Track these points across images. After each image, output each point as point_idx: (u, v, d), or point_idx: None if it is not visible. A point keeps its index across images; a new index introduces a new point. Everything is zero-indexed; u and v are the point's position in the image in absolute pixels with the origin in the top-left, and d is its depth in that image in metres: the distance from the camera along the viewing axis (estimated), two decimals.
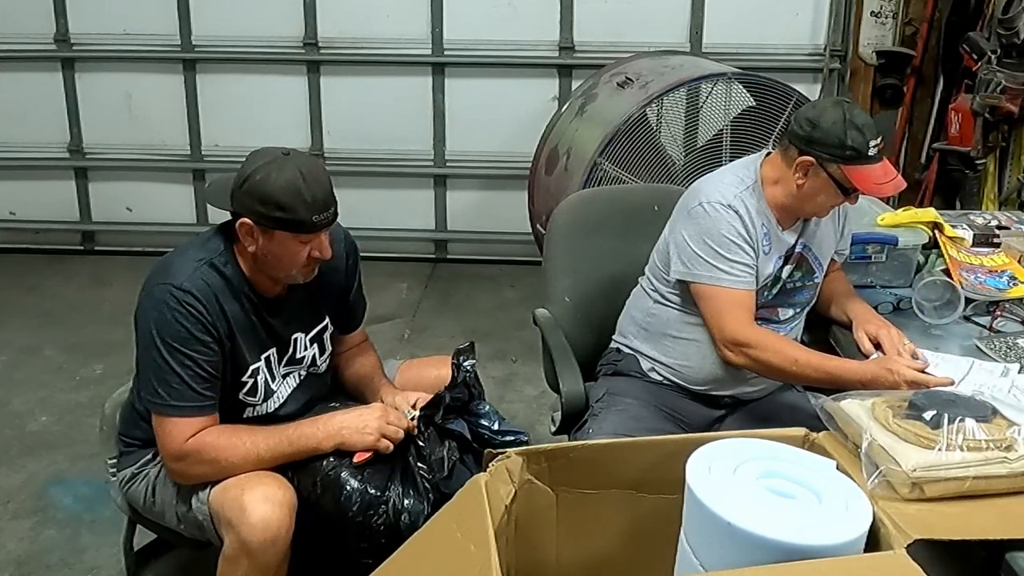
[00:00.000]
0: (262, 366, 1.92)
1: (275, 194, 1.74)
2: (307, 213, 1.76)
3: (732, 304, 2.00)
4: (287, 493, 1.78)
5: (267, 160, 1.77)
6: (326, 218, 1.80)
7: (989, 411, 1.44)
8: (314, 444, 1.84)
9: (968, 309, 2.19)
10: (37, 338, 3.85)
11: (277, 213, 1.75)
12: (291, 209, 1.75)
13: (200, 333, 1.78)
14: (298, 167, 1.76)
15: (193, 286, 1.78)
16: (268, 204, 1.75)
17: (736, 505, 1.22)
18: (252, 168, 1.78)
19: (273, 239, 1.79)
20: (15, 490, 2.84)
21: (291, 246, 1.80)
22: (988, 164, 3.93)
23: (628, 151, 3.34)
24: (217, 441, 1.80)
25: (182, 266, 1.82)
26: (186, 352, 1.78)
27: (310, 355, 2.01)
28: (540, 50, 4.45)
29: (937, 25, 4.29)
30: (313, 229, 1.79)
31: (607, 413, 2.08)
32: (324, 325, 2.03)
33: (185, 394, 1.78)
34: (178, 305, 1.77)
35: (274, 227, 1.78)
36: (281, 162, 1.77)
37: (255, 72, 4.59)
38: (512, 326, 3.86)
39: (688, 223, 2.04)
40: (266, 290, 1.90)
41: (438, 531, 1.36)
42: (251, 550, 1.73)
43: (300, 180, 1.75)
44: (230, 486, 1.79)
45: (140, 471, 1.97)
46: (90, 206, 4.82)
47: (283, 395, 1.98)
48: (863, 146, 1.92)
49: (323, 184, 1.80)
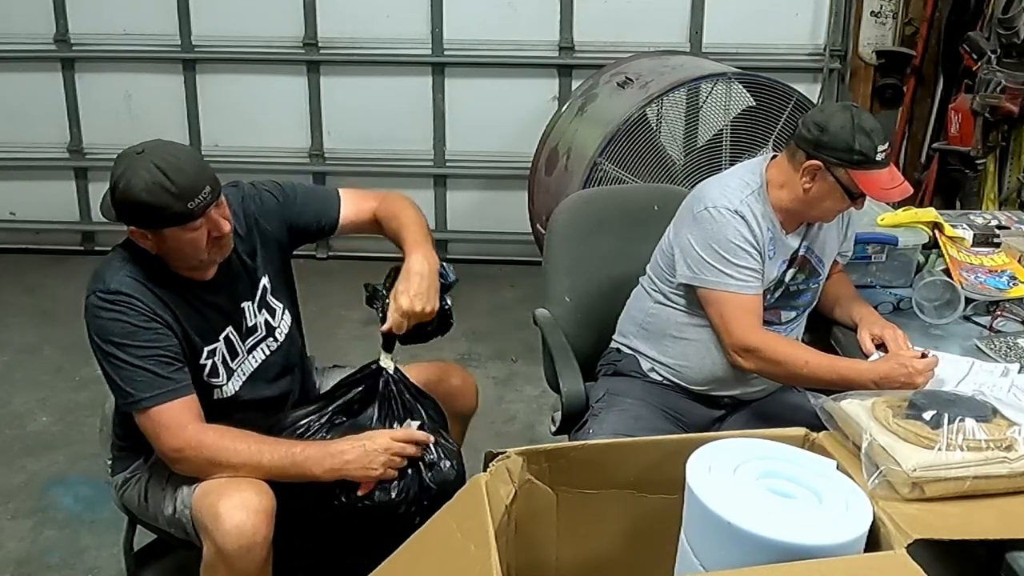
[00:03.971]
0: (220, 346, 1.89)
1: (140, 198, 1.68)
2: (180, 204, 1.69)
3: (739, 309, 2.00)
4: (264, 499, 1.74)
5: (124, 165, 1.71)
6: (203, 200, 1.71)
7: (989, 411, 1.44)
8: (315, 474, 1.79)
9: (968, 309, 2.19)
10: (37, 338, 3.85)
11: (150, 214, 1.70)
12: (161, 207, 1.68)
13: (143, 323, 1.76)
14: (153, 163, 1.68)
15: (121, 284, 1.77)
16: (138, 209, 1.70)
17: (736, 505, 1.22)
18: (114, 179, 1.72)
19: (165, 237, 1.74)
20: (15, 490, 2.85)
21: (184, 236, 1.74)
22: (988, 164, 3.93)
23: (628, 151, 3.34)
24: (219, 440, 1.79)
25: (107, 272, 1.80)
26: (137, 344, 1.75)
27: (262, 321, 1.97)
28: (540, 50, 4.45)
29: (937, 25, 4.29)
30: (194, 216, 1.71)
31: (607, 413, 2.08)
32: (264, 286, 1.98)
33: (154, 382, 1.75)
34: (111, 305, 1.76)
35: (158, 227, 1.72)
36: (136, 163, 1.69)
37: (255, 72, 4.59)
38: (512, 326, 3.86)
39: (694, 228, 2.04)
40: (198, 276, 1.86)
41: (438, 531, 1.36)
42: (227, 557, 1.70)
43: (159, 175, 1.67)
44: (209, 491, 1.76)
45: (133, 475, 1.97)
46: (90, 206, 4.81)
47: (247, 370, 1.94)
48: (871, 151, 1.91)
49: (186, 170, 1.70)
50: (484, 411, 2.74)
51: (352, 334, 3.89)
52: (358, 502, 1.83)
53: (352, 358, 2.20)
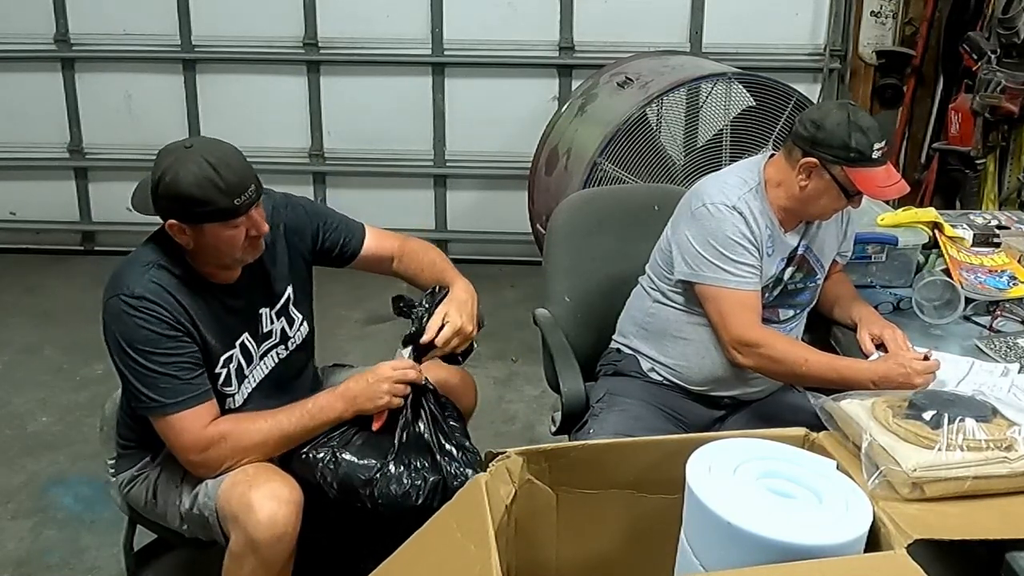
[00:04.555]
0: (236, 353, 1.90)
1: (188, 191, 1.70)
2: (226, 200, 1.72)
3: (738, 305, 2.00)
4: (294, 491, 1.78)
5: (172, 159, 1.73)
6: (248, 198, 1.75)
7: (989, 411, 1.44)
8: (335, 415, 1.86)
9: (968, 309, 2.19)
10: (37, 338, 3.85)
11: (197, 209, 1.72)
12: (208, 201, 1.71)
13: (167, 331, 1.77)
14: (203, 157, 1.71)
15: (145, 290, 1.77)
16: (185, 202, 1.72)
17: (736, 505, 1.22)
18: (160, 170, 1.73)
19: (204, 232, 1.76)
20: (15, 490, 2.85)
21: (224, 233, 1.76)
22: (988, 164, 3.93)
23: (628, 151, 3.34)
24: (237, 426, 1.81)
25: (130, 274, 1.80)
26: (160, 351, 1.76)
27: (278, 328, 1.99)
28: (540, 50, 4.45)
29: (937, 25, 4.29)
30: (238, 213, 1.75)
31: (607, 413, 2.08)
32: (287, 296, 2.00)
33: (179, 388, 1.77)
34: (135, 311, 1.76)
35: (200, 222, 1.74)
36: (185, 157, 1.72)
37: (255, 72, 4.59)
38: (512, 326, 3.86)
39: (692, 224, 2.04)
40: (221, 279, 1.88)
41: (438, 531, 1.36)
42: (257, 547, 1.73)
43: (209, 170, 1.70)
44: (238, 482, 1.78)
45: (140, 473, 1.96)
46: (90, 206, 4.82)
47: (257, 377, 1.96)
48: (867, 148, 1.91)
49: (234, 167, 1.74)
50: (484, 411, 2.74)
51: (352, 334, 3.89)
52: (380, 507, 1.84)
53: (352, 358, 2.21)
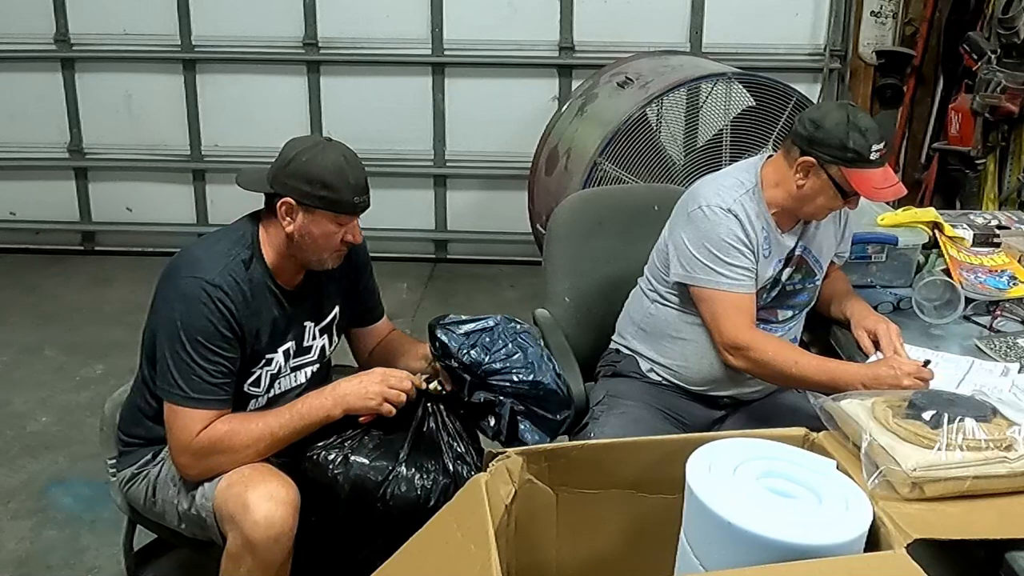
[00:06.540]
0: (278, 357, 1.94)
1: (321, 174, 1.82)
2: (350, 194, 1.84)
3: (731, 307, 2.00)
4: (290, 492, 1.78)
5: (312, 144, 1.87)
6: (364, 201, 1.88)
7: (989, 411, 1.44)
8: (324, 414, 1.86)
9: (968, 309, 2.19)
10: (37, 338, 3.85)
11: (322, 192, 1.82)
12: (336, 189, 1.83)
13: (225, 330, 1.80)
14: (341, 152, 1.87)
15: (224, 282, 1.81)
16: (314, 183, 1.82)
17: (736, 505, 1.22)
18: (297, 151, 1.85)
19: (314, 218, 1.85)
20: (15, 490, 2.84)
21: (329, 227, 1.86)
22: (988, 164, 3.93)
23: (628, 151, 3.34)
24: (229, 428, 1.81)
25: (212, 260, 1.84)
26: (210, 347, 1.79)
27: (318, 345, 2.02)
28: (540, 50, 4.45)
29: (937, 25, 4.30)
30: (352, 211, 1.87)
31: (608, 416, 2.08)
32: (334, 315, 2.05)
33: (206, 388, 1.80)
34: (209, 300, 1.79)
35: (317, 206, 1.84)
36: (325, 146, 1.87)
37: (255, 72, 4.59)
38: None
39: (687, 226, 2.04)
40: (287, 281, 1.93)
41: (438, 531, 1.36)
42: (254, 547, 1.73)
43: (344, 163, 1.85)
44: (234, 483, 1.79)
45: (140, 471, 1.96)
46: (90, 206, 4.82)
47: (285, 387, 1.98)
48: (865, 149, 1.92)
49: (362, 170, 1.89)
50: None
51: None
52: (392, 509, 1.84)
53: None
